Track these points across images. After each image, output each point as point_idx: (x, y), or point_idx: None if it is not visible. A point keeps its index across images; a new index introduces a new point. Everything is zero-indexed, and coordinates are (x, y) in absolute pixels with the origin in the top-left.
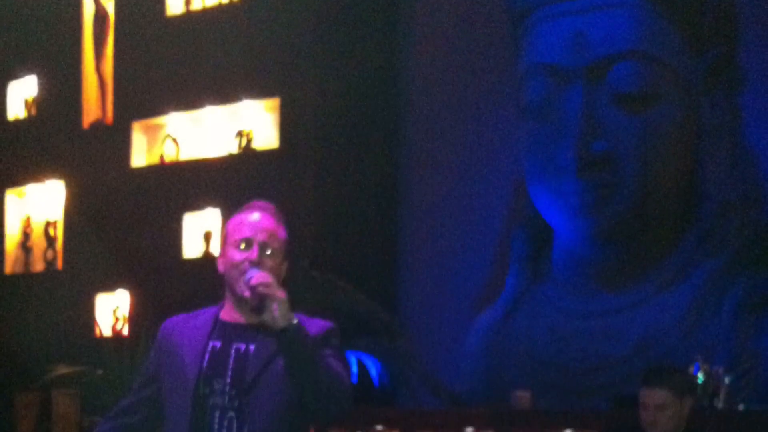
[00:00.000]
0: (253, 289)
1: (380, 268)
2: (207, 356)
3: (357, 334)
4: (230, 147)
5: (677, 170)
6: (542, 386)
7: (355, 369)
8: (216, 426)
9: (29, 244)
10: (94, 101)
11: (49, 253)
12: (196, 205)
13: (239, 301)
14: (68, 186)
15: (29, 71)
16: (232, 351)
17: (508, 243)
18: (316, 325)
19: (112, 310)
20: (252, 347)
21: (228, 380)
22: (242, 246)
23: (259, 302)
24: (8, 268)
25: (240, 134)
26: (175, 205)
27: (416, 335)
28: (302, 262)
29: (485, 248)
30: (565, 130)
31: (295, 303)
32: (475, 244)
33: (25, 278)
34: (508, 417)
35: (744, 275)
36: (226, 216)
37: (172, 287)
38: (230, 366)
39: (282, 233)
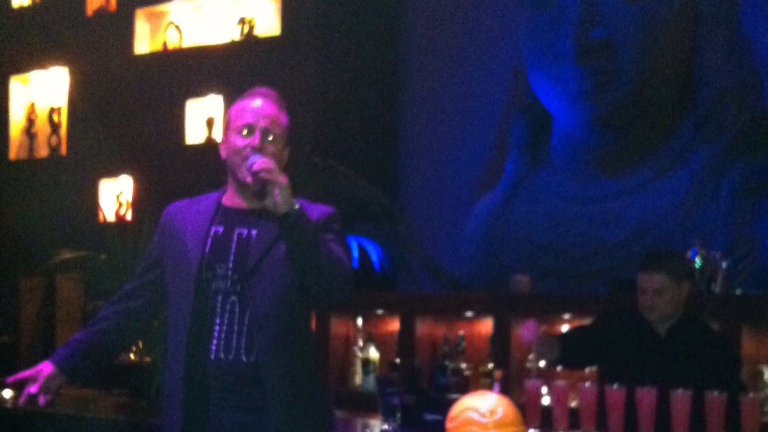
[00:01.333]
0: (255, 174)
1: (381, 153)
2: (209, 241)
3: (358, 219)
4: (232, 34)
5: (675, 57)
6: (541, 270)
7: (356, 254)
8: (218, 310)
9: (33, 130)
10: None
11: (53, 139)
12: (198, 92)
13: (241, 186)
14: (72, 73)
15: None
16: (234, 236)
17: (507, 129)
18: (318, 211)
19: (115, 195)
20: (254, 232)
21: (230, 265)
22: (244, 132)
23: (261, 188)
24: (13, 154)
25: (242, 21)
26: (177, 92)
27: (416, 220)
28: (304, 148)
29: (485, 134)
30: (564, 17)
31: (296, 188)
32: (474, 130)
33: (30, 164)
34: (507, 301)
35: (741, 161)
36: (229, 102)
37: (175, 173)
38: (232, 251)
39: (284, 119)
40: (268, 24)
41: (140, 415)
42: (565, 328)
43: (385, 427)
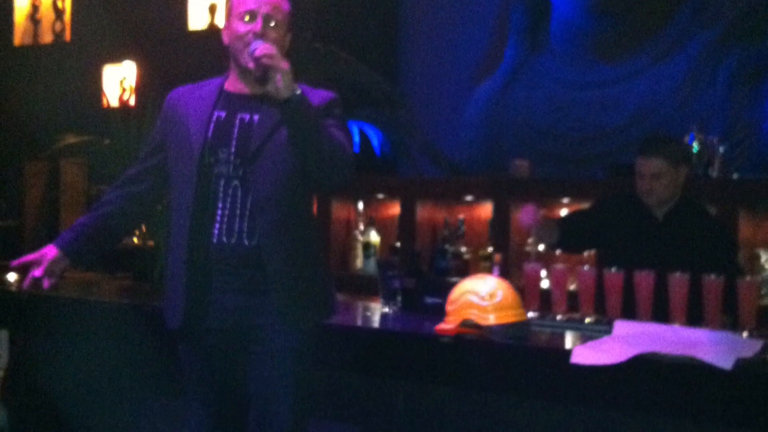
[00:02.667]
0: (257, 60)
1: (382, 39)
2: (212, 126)
3: (359, 104)
4: None
5: None
6: (540, 155)
7: (357, 138)
8: (221, 194)
9: (38, 16)
10: None
11: (58, 25)
12: None
13: (243, 72)
14: None
15: None
16: (237, 121)
17: (507, 14)
18: (319, 96)
19: (119, 80)
20: (256, 117)
21: (232, 149)
22: (246, 18)
23: (263, 73)
24: (17, 40)
25: None
26: None
27: (417, 105)
28: (305, 34)
29: (484, 20)
30: None
31: (298, 74)
32: (474, 15)
33: (34, 50)
34: (506, 185)
35: (738, 47)
36: None
37: (178, 58)
38: (234, 135)
39: (285, 5)
40: None
41: (143, 298)
42: (563, 212)
43: (386, 309)
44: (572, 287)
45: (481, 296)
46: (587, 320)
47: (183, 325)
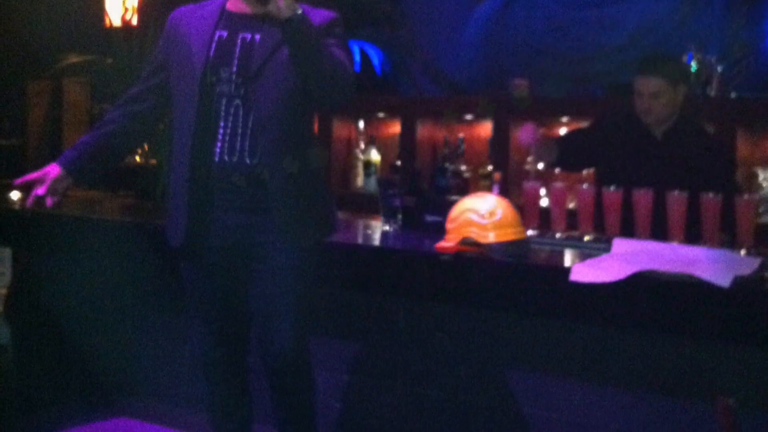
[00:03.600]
0: None
1: None
2: (213, 45)
3: (359, 23)
4: None
5: None
6: (539, 74)
7: (357, 58)
8: (222, 113)
9: None
10: None
11: None
12: None
13: None
14: None
15: None
16: (238, 40)
17: None
18: (320, 15)
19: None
20: (258, 37)
21: (234, 69)
22: None
23: None
24: None
25: None
26: None
27: (417, 25)
28: None
29: None
30: None
31: None
32: None
33: None
34: (506, 104)
35: None
36: None
37: None
38: (236, 55)
39: None
40: None
41: (145, 217)
42: (563, 130)
43: (386, 228)
44: (571, 205)
45: (480, 214)
46: (586, 238)
47: (185, 243)
